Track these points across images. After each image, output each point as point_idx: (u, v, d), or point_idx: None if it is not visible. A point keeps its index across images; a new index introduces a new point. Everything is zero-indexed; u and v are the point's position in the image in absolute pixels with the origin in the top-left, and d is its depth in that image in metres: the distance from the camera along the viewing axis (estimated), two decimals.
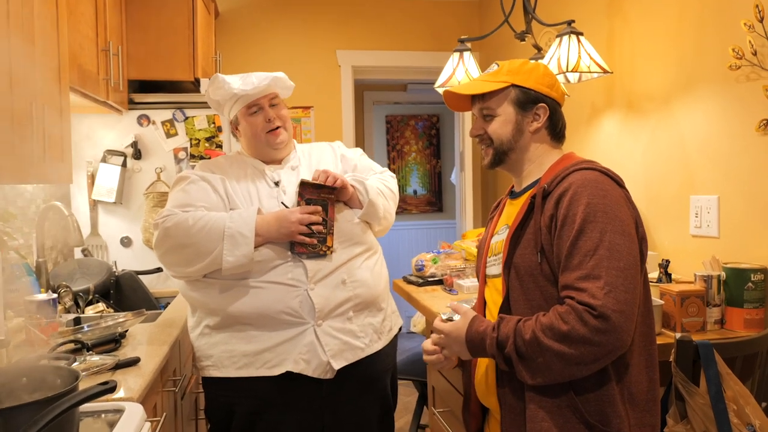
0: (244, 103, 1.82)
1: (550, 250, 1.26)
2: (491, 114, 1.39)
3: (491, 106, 1.39)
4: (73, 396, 0.91)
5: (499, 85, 1.37)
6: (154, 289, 2.69)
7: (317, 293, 1.71)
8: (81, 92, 2.12)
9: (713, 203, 2.00)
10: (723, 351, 1.43)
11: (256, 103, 1.83)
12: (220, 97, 1.85)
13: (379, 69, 4.18)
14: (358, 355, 1.76)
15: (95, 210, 2.81)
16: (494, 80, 1.39)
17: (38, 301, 1.84)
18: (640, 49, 2.38)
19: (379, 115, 6.10)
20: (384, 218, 1.89)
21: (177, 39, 2.81)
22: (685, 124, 2.16)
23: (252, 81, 1.81)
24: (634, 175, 2.42)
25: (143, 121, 2.81)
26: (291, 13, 3.93)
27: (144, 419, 1.30)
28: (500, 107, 1.38)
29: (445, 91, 1.45)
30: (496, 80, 1.38)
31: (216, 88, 1.84)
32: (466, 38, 2.42)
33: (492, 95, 1.39)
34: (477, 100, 1.42)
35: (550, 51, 2.16)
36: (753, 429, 1.35)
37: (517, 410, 1.27)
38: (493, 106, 1.39)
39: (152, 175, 2.82)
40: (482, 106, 1.40)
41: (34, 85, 1.61)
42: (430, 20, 4.07)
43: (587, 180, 1.27)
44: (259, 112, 1.83)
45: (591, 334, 1.15)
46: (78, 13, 2.09)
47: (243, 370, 1.72)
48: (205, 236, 1.66)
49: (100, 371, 1.49)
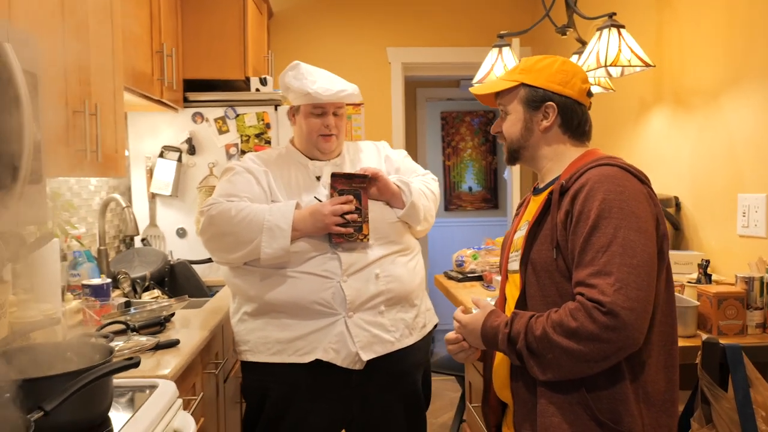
0: (312, 101, 1.86)
1: (565, 246, 1.26)
2: (505, 111, 1.42)
3: (505, 104, 1.41)
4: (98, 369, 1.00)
5: (510, 84, 1.39)
6: (206, 278, 2.82)
7: (350, 285, 1.76)
8: (135, 91, 2.26)
9: (761, 202, 1.92)
10: (754, 355, 1.38)
11: (322, 106, 1.86)
12: (292, 86, 1.88)
13: (429, 65, 4.20)
14: (387, 348, 1.79)
15: (153, 202, 2.97)
16: (507, 78, 1.41)
17: (94, 285, 1.99)
18: (689, 43, 2.30)
19: (433, 112, 6.11)
20: (425, 219, 1.91)
21: (228, 40, 2.94)
22: (734, 120, 2.07)
23: (328, 88, 1.84)
24: (681, 172, 2.35)
25: (197, 118, 2.95)
26: (341, 12, 4.01)
27: (176, 396, 1.39)
28: (511, 105, 1.40)
29: (470, 90, 1.48)
30: (509, 78, 1.40)
31: (293, 77, 1.88)
32: (506, 33, 2.41)
33: (505, 93, 1.40)
34: (497, 97, 1.44)
35: (590, 45, 2.13)
36: None
37: (529, 404, 1.27)
38: (506, 104, 1.41)
39: (205, 169, 2.97)
40: (499, 102, 1.43)
41: (88, 85, 1.74)
42: (479, 16, 4.05)
43: (604, 176, 1.25)
44: (322, 116, 1.87)
45: (600, 331, 1.14)
46: (133, 17, 2.23)
47: (276, 356, 1.79)
48: (246, 227, 1.74)
49: (141, 350, 1.60)
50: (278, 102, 3.01)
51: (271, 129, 2.99)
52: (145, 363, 1.56)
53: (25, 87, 1.15)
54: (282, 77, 1.92)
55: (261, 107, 2.98)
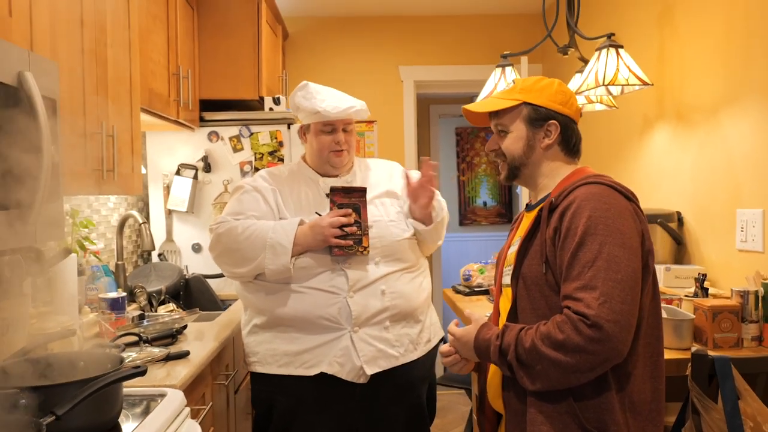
0: (321, 119, 1.92)
1: (554, 262, 1.31)
2: (505, 130, 1.45)
3: (504, 123, 1.45)
4: (106, 377, 1.07)
5: (512, 103, 1.43)
6: (220, 292, 2.91)
7: (355, 301, 1.81)
8: (152, 112, 2.36)
9: (758, 217, 1.94)
10: (743, 366, 1.41)
11: (331, 123, 1.92)
12: (302, 106, 1.94)
13: (442, 83, 4.27)
14: (392, 363, 1.84)
15: (170, 218, 3.08)
16: (508, 98, 1.45)
17: (110, 299, 2.08)
18: (690, 61, 2.34)
19: (448, 128, 6.17)
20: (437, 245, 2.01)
21: (243, 62, 3.05)
22: (732, 136, 2.10)
23: (336, 105, 1.90)
24: (684, 187, 2.37)
25: (213, 137, 3.06)
26: (354, 32, 4.11)
27: (184, 404, 1.46)
28: (513, 124, 1.44)
29: (464, 108, 1.53)
30: (510, 98, 1.44)
31: (302, 97, 1.94)
32: (509, 54, 2.46)
33: (505, 112, 1.44)
34: (493, 117, 1.48)
35: (590, 64, 2.18)
36: None
37: (520, 413, 1.32)
38: (506, 123, 1.45)
39: (220, 186, 3.06)
40: (497, 122, 1.47)
41: (105, 107, 1.84)
42: (491, 34, 4.12)
43: (591, 194, 1.30)
44: (332, 132, 1.93)
45: (585, 343, 1.19)
46: (151, 42, 2.34)
47: (283, 368, 1.85)
48: (251, 244, 1.82)
49: (152, 360, 1.68)
50: (291, 120, 3.10)
51: (284, 147, 3.08)
52: (156, 373, 1.64)
53: (44, 112, 1.24)
54: (292, 97, 1.98)
55: (274, 126, 3.08)
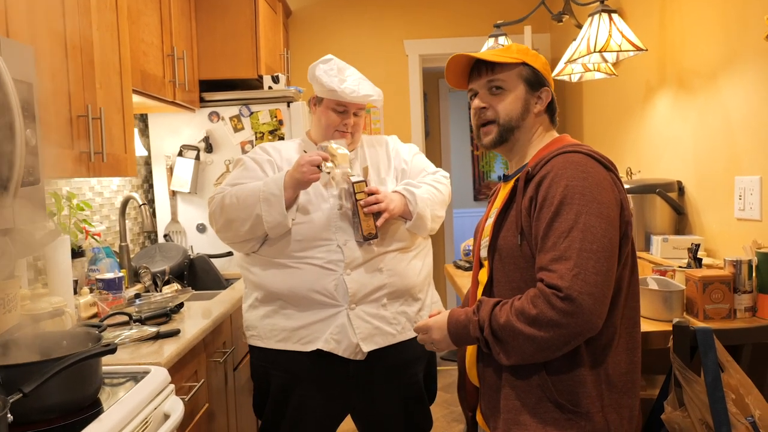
0: (337, 98, 1.91)
1: (529, 233, 1.27)
2: (502, 87, 1.37)
3: (503, 79, 1.37)
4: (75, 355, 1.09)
5: (513, 60, 1.37)
6: (225, 271, 2.94)
7: (352, 278, 1.80)
8: (146, 94, 2.37)
9: (755, 184, 1.87)
10: (728, 338, 1.37)
11: (345, 104, 1.92)
12: (321, 79, 1.92)
13: (447, 56, 4.13)
14: (389, 340, 1.84)
15: (174, 199, 3.11)
16: (506, 55, 1.38)
17: (106, 279, 2.12)
18: (689, 25, 2.25)
19: (460, 102, 6.09)
20: (432, 229, 1.94)
21: (240, 41, 3.04)
22: (730, 100, 2.03)
23: (355, 90, 1.89)
24: (685, 155, 2.31)
25: (213, 117, 3.07)
26: (357, 7, 4.06)
27: (167, 381, 1.49)
28: (512, 82, 1.37)
29: (451, 59, 1.41)
30: (509, 56, 1.37)
31: (324, 71, 1.92)
32: (502, 23, 2.40)
33: (503, 68, 1.37)
34: (485, 73, 1.39)
35: (582, 31, 2.11)
36: (753, 420, 1.29)
37: (494, 387, 1.31)
38: (504, 80, 1.37)
39: (222, 166, 3.08)
40: (492, 77, 1.38)
41: (93, 89, 1.85)
42: (495, 5, 4.03)
43: (569, 162, 1.26)
44: (343, 113, 1.92)
45: (558, 317, 1.16)
46: (142, 24, 2.34)
47: (281, 344, 1.86)
48: (245, 201, 1.81)
49: (141, 339, 1.71)
50: (291, 99, 3.09)
51: (284, 125, 3.08)
52: (145, 350, 1.67)
53: (15, 94, 1.24)
54: (312, 67, 1.95)
55: (274, 104, 3.07)
